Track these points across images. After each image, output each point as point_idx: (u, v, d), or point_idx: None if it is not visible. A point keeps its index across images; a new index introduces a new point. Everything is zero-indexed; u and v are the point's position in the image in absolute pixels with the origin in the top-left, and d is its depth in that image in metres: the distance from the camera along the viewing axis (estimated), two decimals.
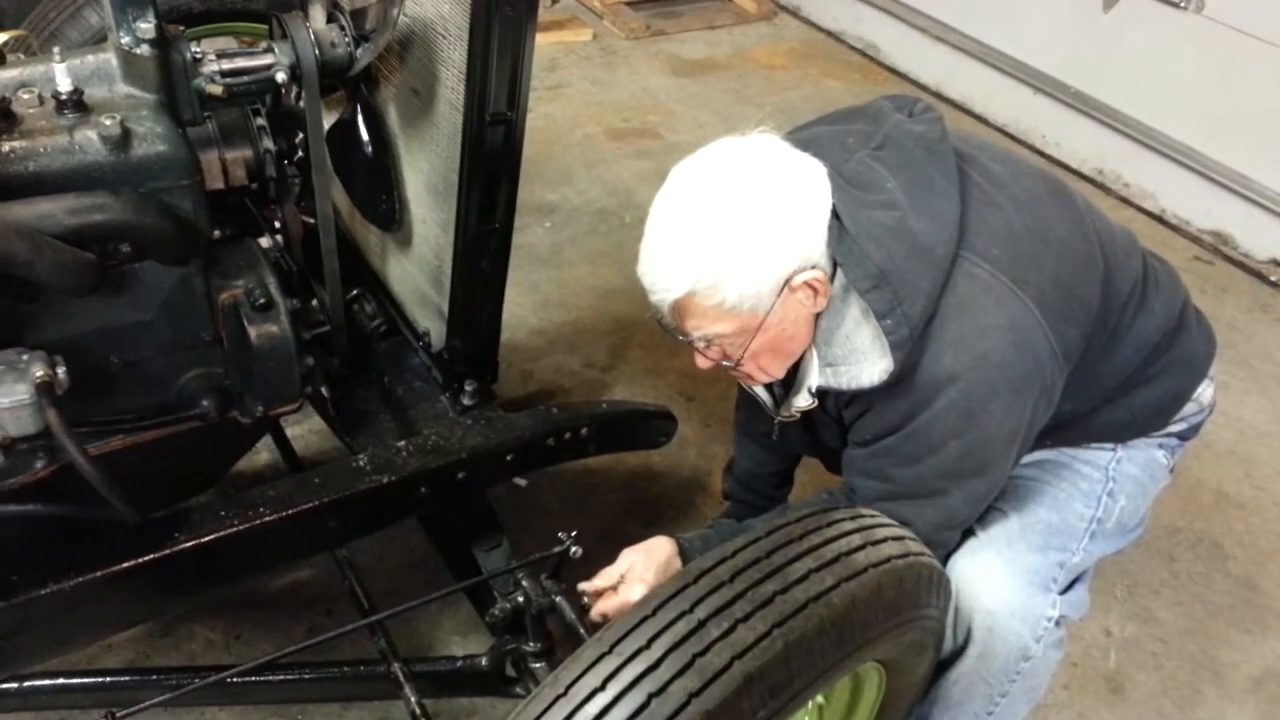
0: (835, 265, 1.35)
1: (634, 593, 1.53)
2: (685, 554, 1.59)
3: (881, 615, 1.25)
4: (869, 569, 1.23)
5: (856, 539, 1.27)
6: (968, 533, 1.55)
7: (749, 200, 1.29)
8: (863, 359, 1.36)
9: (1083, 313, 1.43)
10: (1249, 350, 3.13)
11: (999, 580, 1.51)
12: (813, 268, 1.32)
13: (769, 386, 1.61)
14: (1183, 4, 3.41)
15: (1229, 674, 2.19)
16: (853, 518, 1.32)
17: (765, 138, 1.36)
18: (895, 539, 1.31)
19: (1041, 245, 1.40)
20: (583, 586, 1.57)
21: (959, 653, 1.55)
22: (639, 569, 1.55)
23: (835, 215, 1.33)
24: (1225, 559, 2.46)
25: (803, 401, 1.49)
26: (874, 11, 4.58)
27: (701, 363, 1.45)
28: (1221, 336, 1.74)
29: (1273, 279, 3.48)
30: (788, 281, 1.31)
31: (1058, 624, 1.52)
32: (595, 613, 1.55)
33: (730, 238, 1.28)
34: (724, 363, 1.43)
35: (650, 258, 1.35)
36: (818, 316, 1.39)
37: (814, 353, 1.42)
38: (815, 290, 1.34)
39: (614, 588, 1.55)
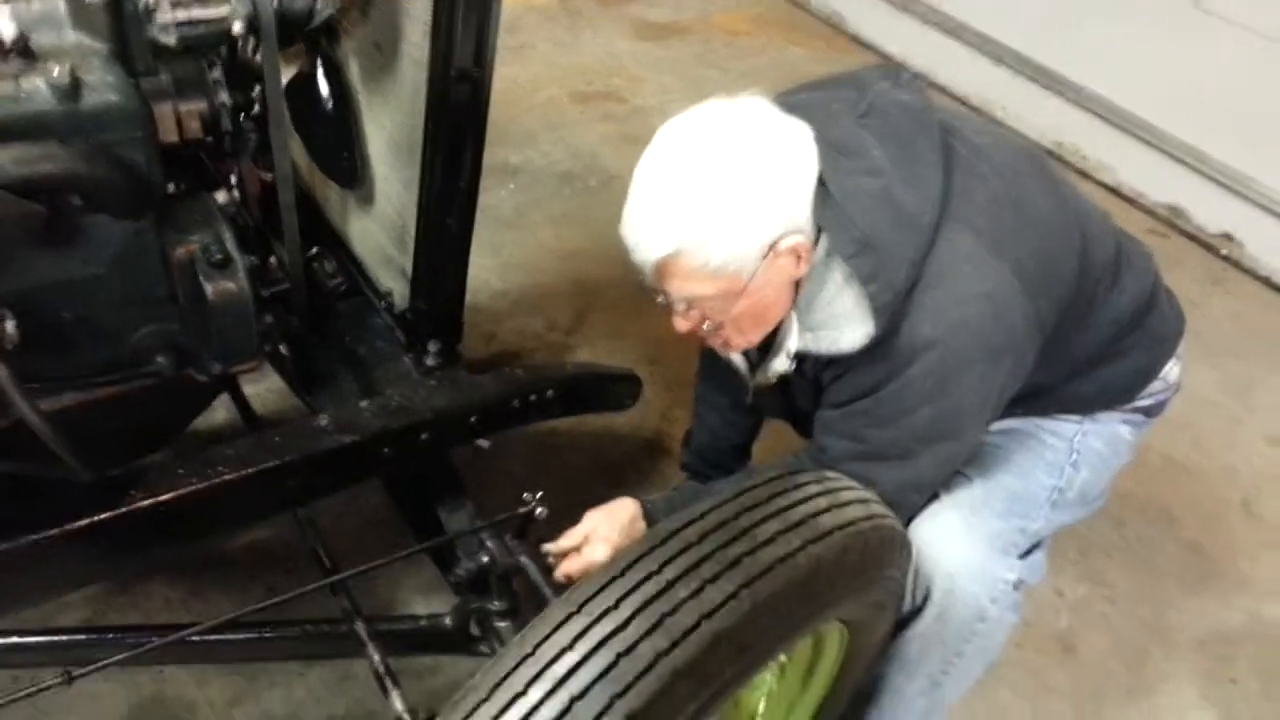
0: (819, 231, 1.35)
1: (597, 553, 1.53)
2: (649, 516, 1.59)
3: (846, 576, 1.26)
4: (834, 531, 1.24)
5: (822, 502, 1.28)
6: (932, 496, 1.57)
7: (738, 162, 1.28)
8: (843, 324, 1.36)
9: (1060, 286, 1.45)
10: (1201, 322, 3.19)
11: (960, 543, 1.53)
12: (797, 233, 1.32)
13: (745, 352, 1.60)
14: None
15: (1175, 635, 2.25)
16: (818, 481, 1.33)
17: (754, 100, 1.35)
18: (860, 502, 1.32)
19: (1024, 218, 1.42)
20: (547, 547, 1.57)
21: (916, 612, 1.57)
22: (603, 530, 1.55)
23: (821, 181, 1.33)
24: (1173, 524, 2.52)
25: (780, 366, 1.49)
26: None
27: (680, 325, 1.44)
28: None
29: (1224, 252, 3.55)
30: (773, 246, 1.31)
31: (1015, 588, 1.55)
32: (560, 573, 1.55)
33: (718, 199, 1.27)
34: (704, 326, 1.42)
35: (635, 216, 1.33)
36: (798, 283, 1.39)
37: (793, 317, 1.42)
38: (799, 256, 1.33)
39: (577, 548, 1.55)
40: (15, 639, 1.46)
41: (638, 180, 1.34)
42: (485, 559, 1.49)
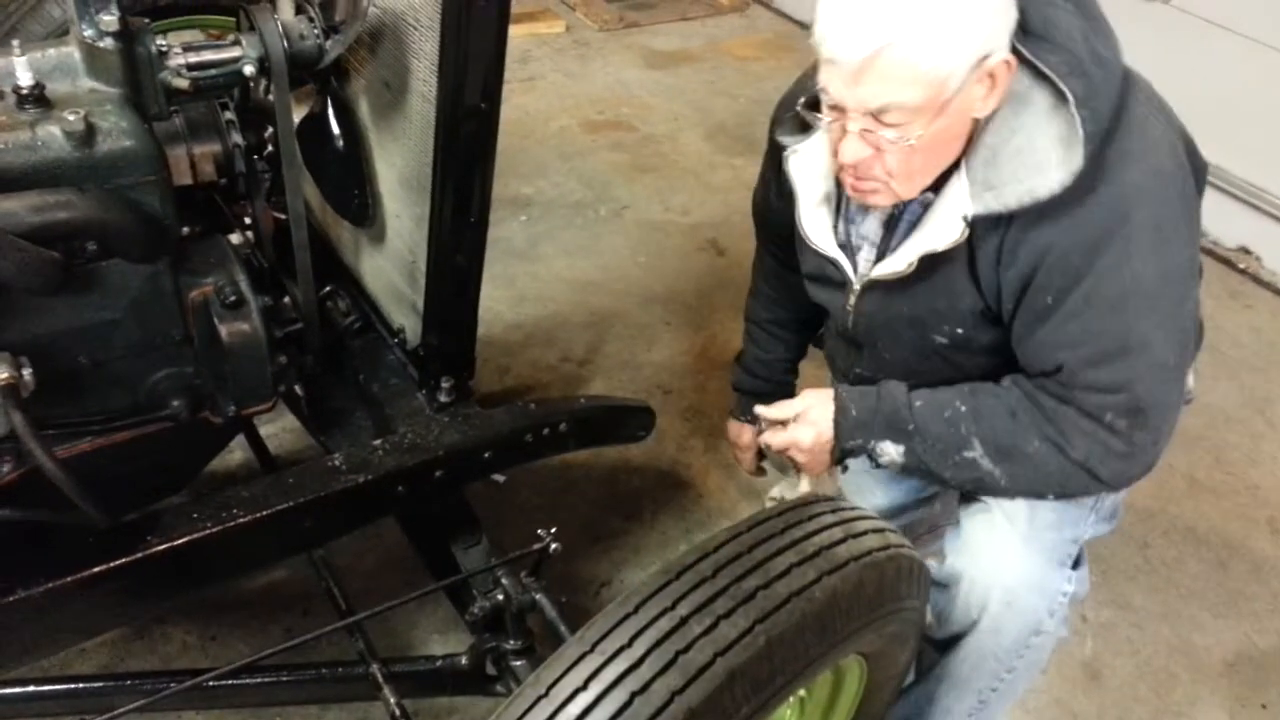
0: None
1: (803, 435, 1.56)
2: (840, 405, 1.55)
3: (863, 608, 1.25)
4: (850, 562, 1.22)
5: (838, 532, 1.27)
6: (982, 510, 1.55)
7: None
8: (1041, 166, 1.27)
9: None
10: (1218, 337, 3.17)
11: (1019, 556, 1.50)
12: (1003, 51, 1.25)
13: (852, 247, 1.54)
14: None
15: (1202, 657, 2.21)
16: (834, 511, 1.32)
17: None
18: (876, 531, 1.31)
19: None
20: (760, 410, 1.64)
21: (969, 629, 1.56)
22: (814, 414, 1.56)
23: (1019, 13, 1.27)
24: (1198, 544, 2.48)
25: (949, 235, 1.36)
26: None
27: (849, 151, 1.32)
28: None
29: (1241, 266, 3.52)
30: (983, 59, 1.23)
31: (1070, 600, 1.55)
32: (764, 439, 1.64)
33: None
34: (887, 136, 1.28)
35: (843, 5, 1.23)
36: (971, 136, 1.33)
37: (962, 177, 1.34)
38: (994, 81, 1.26)
39: (784, 423, 1.59)
40: (33, 687, 1.47)
41: None
42: (500, 597, 1.48)
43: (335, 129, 1.66)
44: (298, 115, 1.60)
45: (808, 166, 1.52)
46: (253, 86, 1.50)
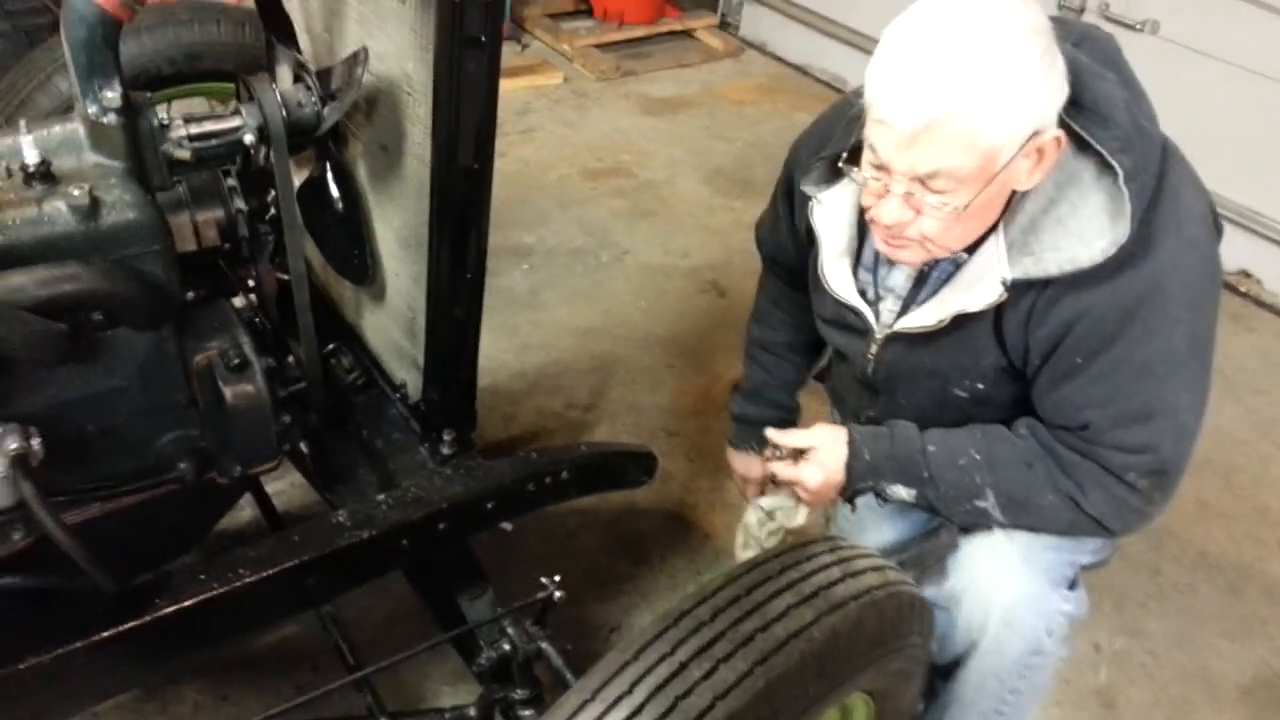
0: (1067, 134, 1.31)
1: (809, 475, 1.57)
2: (853, 449, 1.55)
3: (864, 647, 1.26)
4: (849, 601, 1.23)
5: (836, 571, 1.28)
6: (983, 530, 1.55)
7: (1024, 38, 1.21)
8: (1084, 236, 1.30)
9: None
10: (1223, 360, 3.15)
11: (1018, 575, 1.51)
12: (1054, 128, 1.27)
13: (872, 302, 1.55)
14: (1139, 26, 3.48)
15: (1219, 683, 2.20)
16: (831, 550, 1.33)
17: None
18: (875, 569, 1.32)
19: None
20: (771, 434, 1.63)
21: (970, 650, 1.56)
22: (825, 455, 1.56)
23: (1070, 90, 1.29)
24: (1210, 568, 2.47)
25: (987, 297, 1.37)
26: (837, 44, 4.66)
27: (889, 213, 1.32)
28: None
29: (1243, 290, 3.53)
30: (1035, 134, 1.25)
31: (1069, 621, 1.55)
32: (770, 467, 1.63)
33: (1011, 65, 1.20)
34: (929, 202, 1.29)
35: (911, 67, 1.22)
36: (1009, 202, 1.35)
37: (1000, 242, 1.36)
38: (1042, 156, 1.28)
39: (794, 458, 1.59)
40: None
41: (913, 32, 1.24)
42: (506, 647, 1.49)
43: (334, 192, 1.70)
44: (298, 179, 1.64)
45: (833, 217, 1.53)
46: (253, 153, 1.54)
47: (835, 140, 1.48)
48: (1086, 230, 1.30)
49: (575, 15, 5.21)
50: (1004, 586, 1.51)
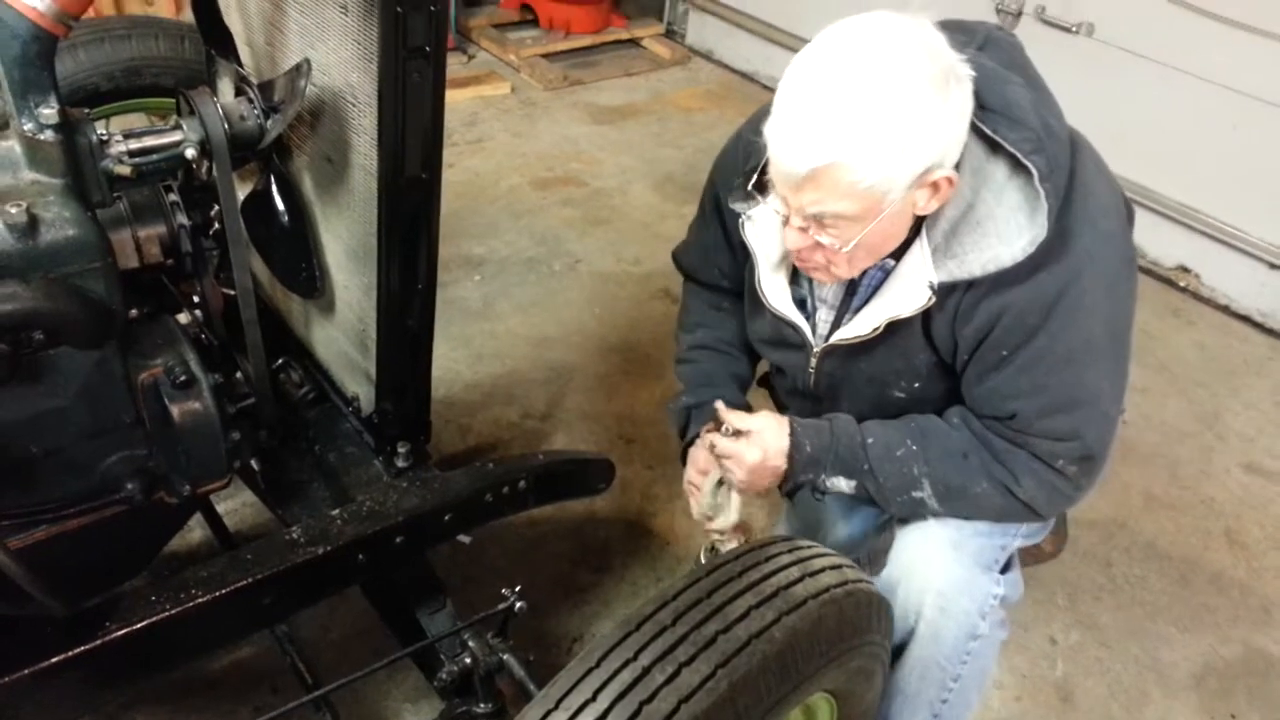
0: (980, 139, 1.34)
1: (749, 453, 1.56)
2: (795, 443, 1.57)
3: (824, 645, 1.27)
4: (808, 600, 1.24)
5: (795, 571, 1.29)
6: (918, 519, 1.58)
7: (913, 82, 1.23)
8: (1002, 235, 1.33)
9: None
10: (1165, 355, 3.24)
11: (949, 561, 1.54)
12: (946, 165, 1.29)
13: (808, 316, 1.58)
14: (1074, 29, 3.56)
15: (1171, 672, 2.24)
16: (790, 550, 1.34)
17: (924, 21, 1.30)
18: (833, 568, 1.33)
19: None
20: (720, 408, 1.61)
21: (909, 638, 1.58)
22: (767, 438, 1.57)
23: (977, 93, 1.31)
24: (1159, 559, 2.52)
25: (914, 302, 1.41)
26: (783, 52, 4.70)
27: (794, 240, 1.37)
28: (1139, 343, 1.80)
29: (1181, 284, 3.62)
30: (923, 174, 1.28)
31: (1001, 603, 1.58)
32: (713, 438, 1.60)
33: (890, 116, 1.22)
34: (822, 241, 1.35)
35: (798, 117, 1.26)
36: (924, 217, 1.37)
37: (924, 248, 1.39)
38: (937, 190, 1.31)
39: (736, 436, 1.58)
40: None
41: (804, 79, 1.27)
42: (468, 660, 1.48)
43: (280, 205, 1.67)
44: (242, 193, 1.62)
45: (764, 231, 1.56)
46: (196, 168, 1.52)
47: (754, 156, 1.50)
48: (1005, 230, 1.34)
49: (521, 25, 5.20)
50: (936, 573, 1.54)
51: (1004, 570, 1.61)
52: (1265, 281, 3.44)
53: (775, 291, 1.58)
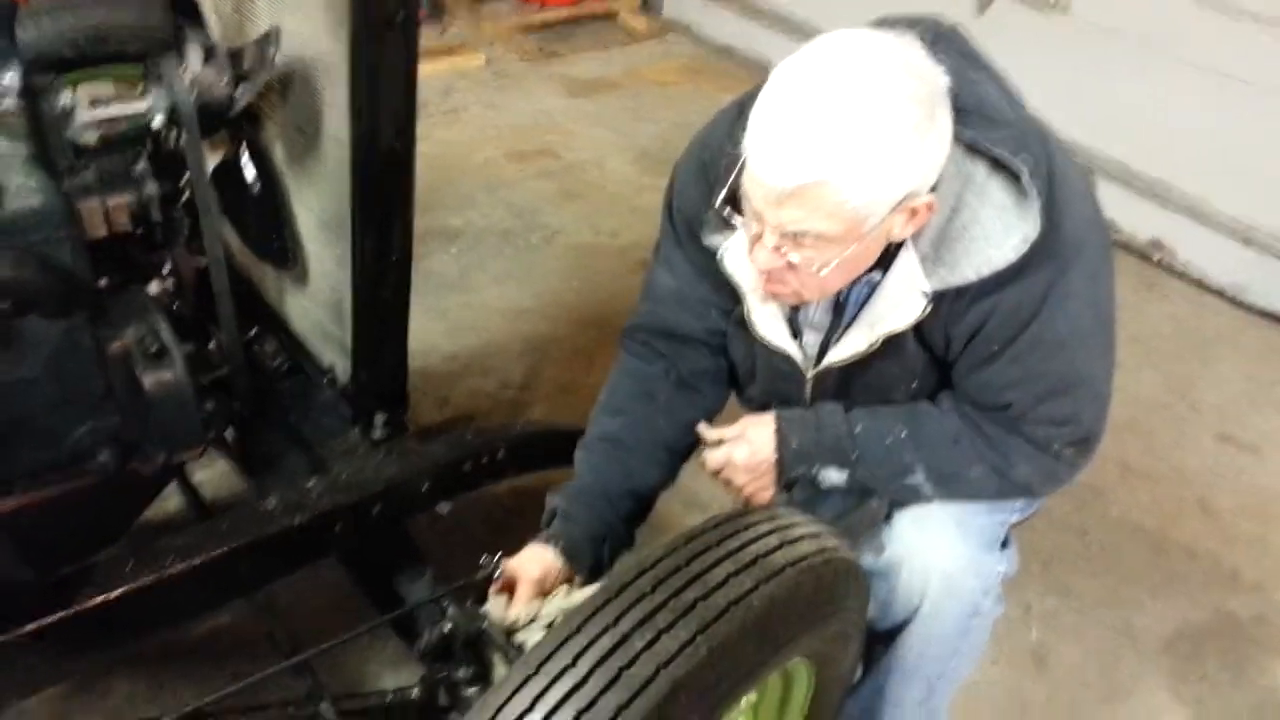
0: (960, 147, 1.31)
1: (738, 451, 1.56)
2: (782, 435, 1.55)
3: (802, 611, 1.27)
4: (786, 568, 1.24)
5: (773, 540, 1.28)
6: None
7: (909, 103, 1.21)
8: (991, 237, 1.31)
9: None
10: (1139, 327, 3.27)
11: (954, 541, 1.53)
12: (927, 191, 1.28)
13: (798, 341, 1.54)
14: (1051, 4, 3.56)
15: (1143, 637, 2.27)
16: (768, 519, 1.34)
17: (910, 39, 1.28)
18: (811, 536, 1.33)
19: None
20: (702, 430, 1.60)
21: (911, 616, 1.58)
22: (752, 434, 1.56)
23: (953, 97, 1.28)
24: (1133, 528, 2.55)
25: (909, 315, 1.38)
26: (760, 27, 4.67)
27: (764, 259, 1.32)
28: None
29: (1155, 258, 3.64)
30: (905, 198, 1.25)
31: (1002, 580, 1.59)
32: (704, 456, 1.59)
33: (885, 135, 1.19)
34: (794, 260, 1.30)
35: (784, 133, 1.21)
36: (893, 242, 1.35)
37: (911, 255, 1.36)
38: (914, 215, 1.29)
39: (723, 442, 1.57)
40: None
41: (792, 92, 1.23)
42: (448, 626, 1.47)
43: (251, 174, 1.66)
44: (212, 162, 1.60)
45: (746, 260, 1.46)
46: (164, 136, 1.49)
47: (719, 187, 1.42)
48: (992, 231, 1.32)
49: None
50: (942, 554, 1.53)
51: (1004, 546, 1.61)
52: (1238, 256, 3.46)
53: (767, 321, 1.53)
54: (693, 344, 1.67)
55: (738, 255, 1.48)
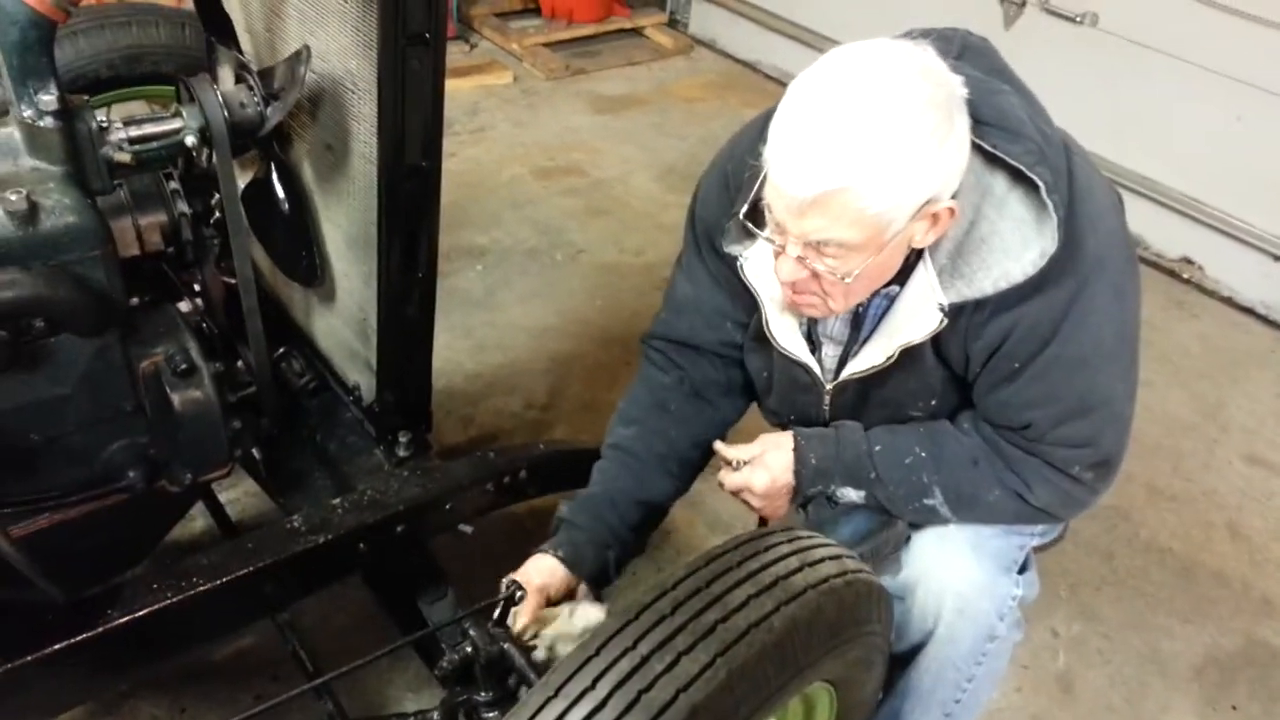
0: (979, 156, 1.31)
1: (756, 479, 1.54)
2: (800, 455, 1.55)
3: (824, 635, 1.26)
4: (808, 590, 1.24)
5: (794, 561, 1.28)
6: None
7: (928, 108, 1.20)
8: (1009, 251, 1.30)
9: None
10: (1168, 346, 3.24)
11: (969, 563, 1.52)
12: (948, 197, 1.27)
13: (816, 354, 1.54)
14: (1079, 19, 3.54)
15: (1172, 664, 2.24)
16: (790, 540, 1.33)
17: (928, 49, 1.26)
18: (833, 558, 1.32)
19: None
20: (718, 447, 1.58)
21: (926, 639, 1.57)
22: (770, 459, 1.55)
23: (970, 108, 1.28)
24: (1161, 552, 2.52)
25: (925, 327, 1.37)
26: (786, 41, 4.68)
27: (788, 270, 1.32)
28: (1142, 334, 1.80)
29: (1185, 276, 3.61)
30: (926, 204, 1.25)
31: (1019, 603, 1.57)
32: (720, 477, 1.58)
33: (906, 141, 1.19)
34: (819, 269, 1.30)
35: (806, 140, 1.21)
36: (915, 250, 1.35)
37: (929, 268, 1.35)
38: (936, 221, 1.28)
39: (741, 465, 1.55)
40: None
41: (812, 102, 1.23)
42: (469, 649, 1.48)
43: (280, 193, 1.67)
44: (242, 181, 1.62)
45: (765, 271, 1.48)
46: (196, 155, 1.52)
47: (741, 197, 1.44)
48: (1011, 244, 1.31)
49: (523, 14, 5.19)
50: (957, 575, 1.52)
51: (1021, 570, 1.59)
52: (1269, 274, 3.43)
53: (785, 332, 1.53)
54: (706, 355, 1.67)
55: (758, 264, 1.49)
